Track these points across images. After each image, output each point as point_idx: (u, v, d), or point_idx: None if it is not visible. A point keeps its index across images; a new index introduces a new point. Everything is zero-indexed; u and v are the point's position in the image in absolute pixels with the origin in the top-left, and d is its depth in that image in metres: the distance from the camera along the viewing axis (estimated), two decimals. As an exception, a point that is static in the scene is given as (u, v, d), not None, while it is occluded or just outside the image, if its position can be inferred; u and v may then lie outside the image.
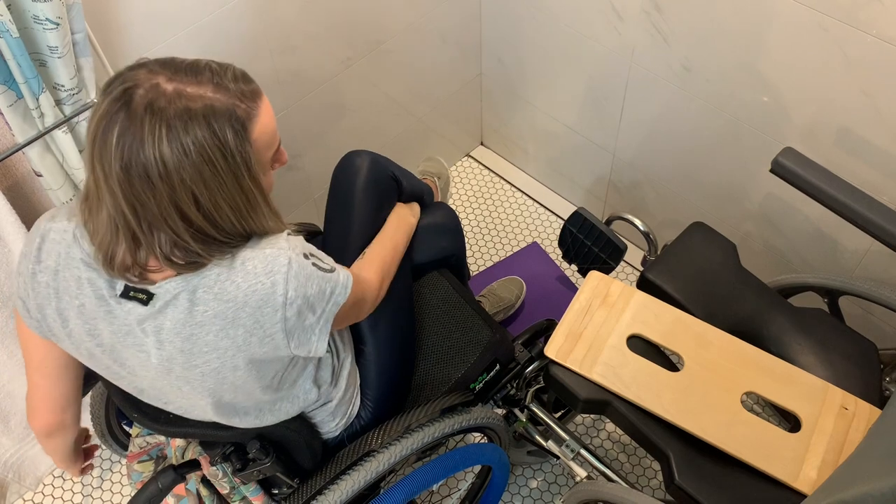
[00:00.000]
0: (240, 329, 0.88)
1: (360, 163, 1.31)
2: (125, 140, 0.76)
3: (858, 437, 1.18)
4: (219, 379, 0.93)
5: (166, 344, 0.90)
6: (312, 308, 0.91)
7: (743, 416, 1.22)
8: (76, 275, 0.89)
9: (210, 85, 0.81)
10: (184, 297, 0.87)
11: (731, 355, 1.28)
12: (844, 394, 1.24)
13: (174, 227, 0.81)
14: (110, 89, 0.79)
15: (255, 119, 0.84)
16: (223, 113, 0.80)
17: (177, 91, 0.78)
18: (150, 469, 1.20)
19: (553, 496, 1.74)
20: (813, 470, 1.16)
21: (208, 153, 0.79)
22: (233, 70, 0.86)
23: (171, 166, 0.77)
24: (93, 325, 0.91)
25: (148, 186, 0.78)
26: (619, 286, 1.35)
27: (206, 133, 0.78)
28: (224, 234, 0.85)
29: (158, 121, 0.76)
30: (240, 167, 0.82)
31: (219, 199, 0.82)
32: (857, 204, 1.23)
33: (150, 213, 0.80)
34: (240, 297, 0.87)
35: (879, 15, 1.23)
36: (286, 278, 0.87)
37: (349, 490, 1.11)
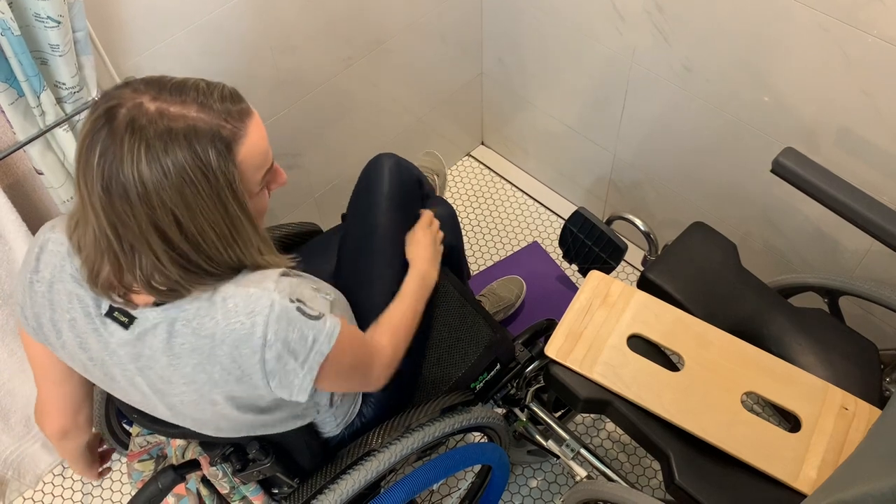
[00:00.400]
0: (216, 366, 0.87)
1: (388, 165, 1.31)
2: (106, 159, 0.75)
3: (858, 437, 1.18)
4: (198, 409, 0.93)
5: (145, 370, 0.90)
6: (294, 354, 0.88)
7: (743, 415, 1.22)
8: (68, 289, 0.89)
9: (194, 105, 0.79)
10: (162, 328, 0.86)
11: (732, 355, 1.28)
12: (844, 394, 1.24)
13: (155, 250, 0.79)
14: (95, 107, 0.78)
15: (241, 140, 0.81)
16: (206, 133, 0.78)
17: (159, 111, 0.76)
18: (150, 468, 1.20)
19: (553, 496, 1.74)
20: (813, 470, 1.16)
21: (189, 174, 0.77)
22: (220, 89, 0.82)
23: (151, 187, 0.75)
24: (83, 339, 0.91)
25: (128, 206, 0.76)
26: (619, 286, 1.35)
27: (188, 154, 0.76)
28: (210, 262, 0.83)
29: (138, 140, 0.75)
30: (223, 189, 0.80)
31: (202, 222, 0.80)
32: (857, 204, 1.23)
33: (131, 233, 0.78)
34: (217, 333, 0.85)
35: (880, 15, 1.23)
36: (266, 320, 0.85)
37: (349, 489, 1.11)
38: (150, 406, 0.98)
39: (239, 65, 1.51)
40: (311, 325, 0.88)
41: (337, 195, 2.01)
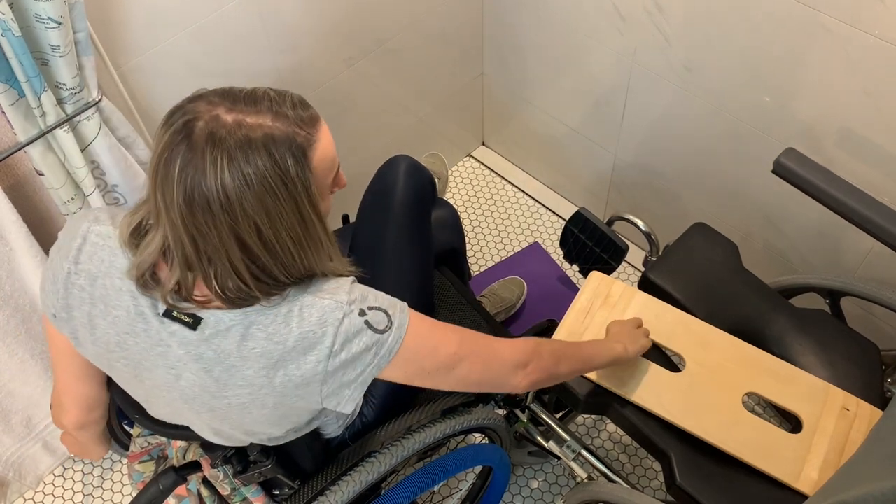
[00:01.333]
0: (280, 371, 0.88)
1: (404, 167, 1.32)
2: (187, 172, 0.76)
3: (860, 438, 1.18)
4: (242, 412, 0.93)
5: (202, 372, 0.90)
6: (354, 366, 0.90)
7: (744, 416, 1.22)
8: (117, 285, 0.89)
9: (269, 113, 0.80)
10: (236, 331, 0.87)
11: (733, 356, 1.28)
12: (846, 395, 1.24)
13: (232, 260, 0.81)
14: (171, 121, 0.79)
15: (314, 145, 0.83)
16: (283, 141, 0.79)
17: (236, 121, 0.78)
18: (151, 469, 1.20)
19: (554, 497, 1.74)
20: (814, 471, 1.16)
21: (269, 182, 0.78)
22: (291, 97, 0.84)
23: (234, 196, 0.77)
24: (123, 338, 0.90)
25: (209, 217, 0.77)
26: (620, 286, 1.35)
27: (268, 162, 0.78)
28: (283, 270, 0.84)
29: (219, 151, 0.76)
30: (300, 195, 0.81)
31: (280, 229, 0.81)
32: (858, 204, 1.22)
33: (210, 244, 0.79)
34: (290, 341, 0.87)
35: (882, 15, 1.23)
36: (336, 331, 0.87)
37: (350, 491, 1.11)
38: (169, 410, 0.98)
39: (240, 65, 1.51)
40: (375, 339, 0.90)
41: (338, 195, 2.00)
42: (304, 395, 0.91)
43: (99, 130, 1.25)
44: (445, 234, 1.45)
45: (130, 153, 1.34)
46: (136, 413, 1.07)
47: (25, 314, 1.45)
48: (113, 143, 1.29)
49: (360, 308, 0.89)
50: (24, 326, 1.47)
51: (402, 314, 0.93)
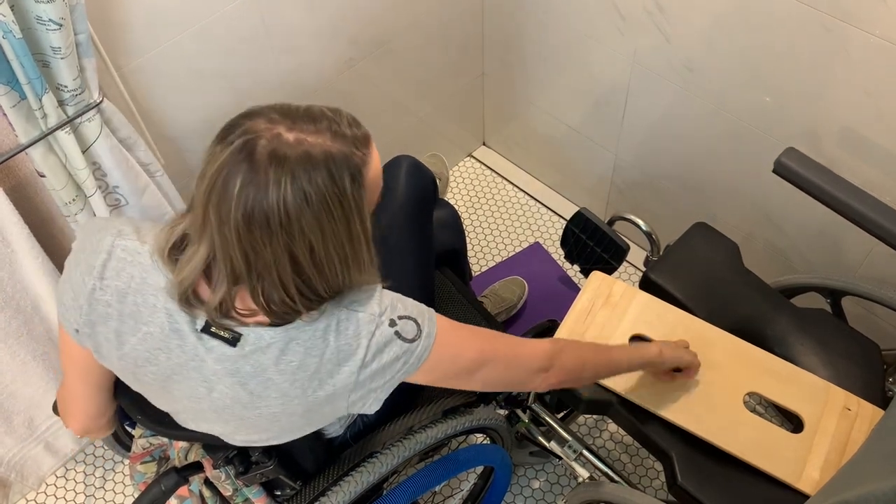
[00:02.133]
0: (314, 382, 0.90)
1: (406, 166, 1.33)
2: (248, 190, 0.76)
3: (861, 438, 1.18)
4: (272, 421, 0.94)
5: (237, 385, 0.90)
6: (383, 374, 0.92)
7: (745, 416, 1.22)
8: (151, 302, 0.88)
9: (328, 132, 0.81)
10: (276, 347, 0.88)
11: (734, 356, 1.28)
12: (847, 394, 1.24)
13: (282, 277, 0.81)
14: (230, 140, 0.79)
15: (367, 165, 0.84)
16: (342, 160, 0.80)
17: (298, 140, 0.78)
18: (152, 470, 1.20)
19: (555, 497, 1.74)
20: (815, 470, 1.16)
21: (328, 201, 0.79)
22: (346, 116, 0.85)
23: (293, 215, 0.77)
24: (154, 353, 0.90)
25: (266, 235, 0.78)
26: (621, 286, 1.35)
27: (328, 181, 0.78)
28: (327, 286, 0.85)
29: (283, 170, 0.76)
30: (353, 214, 0.82)
31: (330, 246, 0.82)
32: (859, 204, 1.22)
33: (262, 261, 0.80)
34: (327, 354, 0.88)
35: (882, 15, 1.23)
36: (369, 344, 0.89)
37: (352, 492, 1.11)
38: (192, 416, 0.98)
39: (241, 66, 1.51)
40: (405, 349, 0.92)
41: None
42: (333, 403, 0.93)
43: (100, 132, 1.25)
44: (446, 234, 1.45)
45: (132, 154, 1.34)
46: (139, 414, 1.07)
47: (27, 316, 1.46)
48: (114, 145, 1.29)
49: (390, 318, 0.91)
50: (25, 328, 1.47)
51: (431, 322, 0.95)
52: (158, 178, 1.42)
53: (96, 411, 1.09)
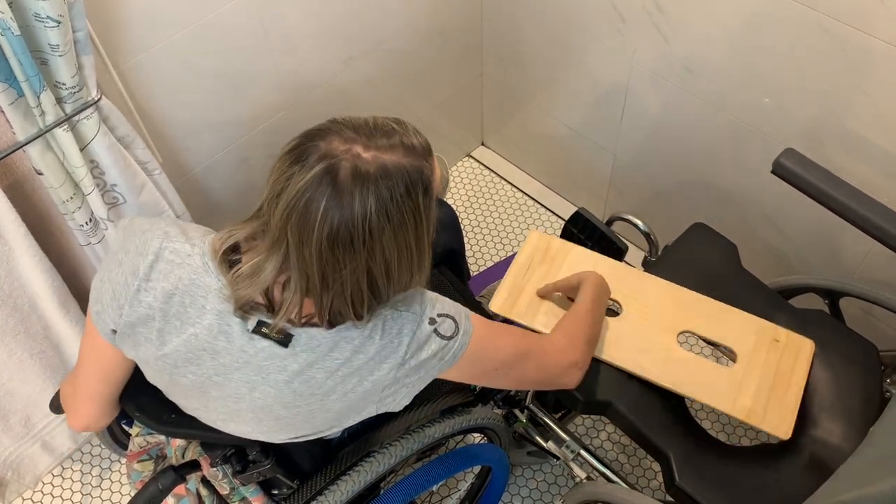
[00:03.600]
0: (355, 378, 0.91)
1: None
2: (333, 213, 0.78)
3: (789, 367, 1.23)
4: (307, 419, 0.95)
5: (282, 384, 0.91)
6: (418, 370, 0.94)
7: (679, 353, 1.25)
8: (200, 304, 0.88)
9: (401, 148, 0.83)
10: (325, 346, 0.89)
11: (667, 299, 1.31)
12: (776, 327, 1.28)
13: (354, 292, 0.83)
14: (310, 163, 0.79)
15: (433, 176, 0.86)
16: (416, 175, 0.82)
17: (375, 158, 0.80)
18: (149, 468, 1.20)
19: (553, 497, 1.74)
20: (748, 399, 1.20)
21: (405, 217, 0.81)
22: (411, 127, 0.87)
23: (376, 233, 0.80)
24: (198, 354, 0.90)
25: (349, 254, 0.80)
26: (558, 242, 1.38)
27: (405, 197, 0.81)
28: (389, 294, 0.88)
29: (366, 191, 0.78)
30: (423, 226, 0.85)
31: (403, 259, 0.84)
32: (858, 205, 1.22)
33: (340, 279, 0.82)
34: (371, 351, 0.90)
35: (881, 16, 1.23)
36: (410, 342, 0.91)
37: (349, 491, 1.11)
38: (222, 416, 0.98)
39: (239, 65, 1.51)
40: (443, 346, 0.93)
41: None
42: (366, 399, 0.94)
43: (98, 130, 1.25)
44: (444, 234, 1.45)
45: (129, 152, 1.34)
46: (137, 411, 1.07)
47: (24, 313, 1.45)
48: (112, 143, 1.29)
49: (430, 316, 0.93)
50: (22, 326, 1.47)
51: (468, 320, 0.97)
52: (156, 176, 1.42)
53: (106, 412, 1.08)
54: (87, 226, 1.36)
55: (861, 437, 1.21)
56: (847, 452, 1.20)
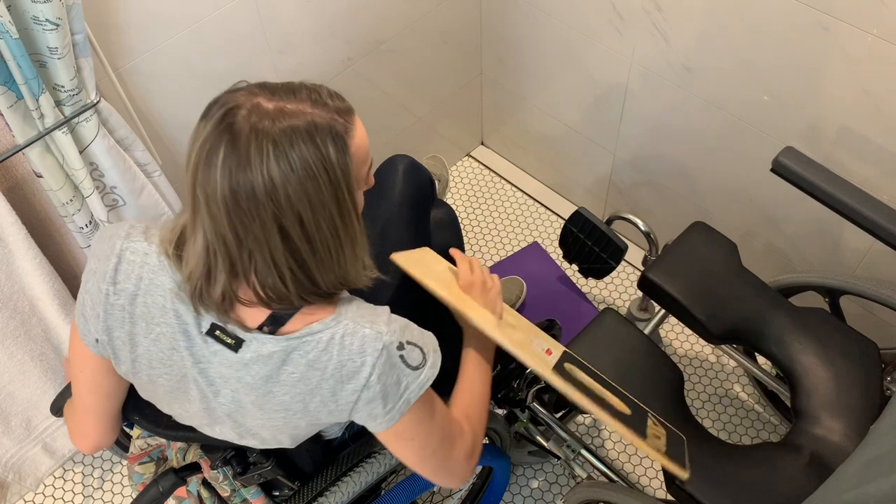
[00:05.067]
0: (317, 397, 0.89)
1: (403, 166, 1.32)
2: (231, 161, 0.76)
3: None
4: (275, 432, 0.94)
5: (240, 393, 0.90)
6: (385, 400, 0.90)
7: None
8: (160, 303, 0.88)
9: (308, 101, 0.80)
10: (277, 357, 0.87)
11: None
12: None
13: (273, 252, 0.80)
14: (210, 114, 0.79)
15: (351, 133, 0.83)
16: (324, 127, 0.79)
17: (278, 108, 0.78)
18: (150, 471, 1.20)
19: (554, 496, 1.74)
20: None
21: (313, 168, 0.78)
22: (326, 88, 0.85)
23: (279, 182, 0.76)
24: (167, 354, 0.90)
25: (254, 205, 0.77)
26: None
27: (311, 147, 0.78)
28: (320, 267, 0.84)
29: (264, 138, 0.76)
30: (340, 182, 0.81)
31: (320, 218, 0.81)
32: (858, 203, 1.22)
33: (252, 236, 0.79)
34: (329, 368, 0.87)
35: (880, 14, 1.23)
36: (374, 363, 0.87)
37: (350, 492, 1.11)
38: (203, 420, 0.98)
39: (238, 66, 1.51)
40: (408, 374, 0.90)
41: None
42: (335, 419, 0.92)
43: (97, 132, 1.25)
44: (443, 234, 1.45)
45: (129, 154, 1.34)
46: (136, 415, 1.07)
47: (24, 316, 1.45)
48: (111, 145, 1.29)
49: (399, 341, 0.89)
50: (23, 328, 1.47)
51: (436, 355, 0.94)
52: (156, 178, 1.42)
53: (109, 424, 1.06)
54: (87, 228, 1.36)
55: (862, 435, 1.22)
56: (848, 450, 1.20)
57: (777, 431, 1.80)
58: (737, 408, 1.84)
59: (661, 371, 1.33)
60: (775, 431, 1.80)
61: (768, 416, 1.82)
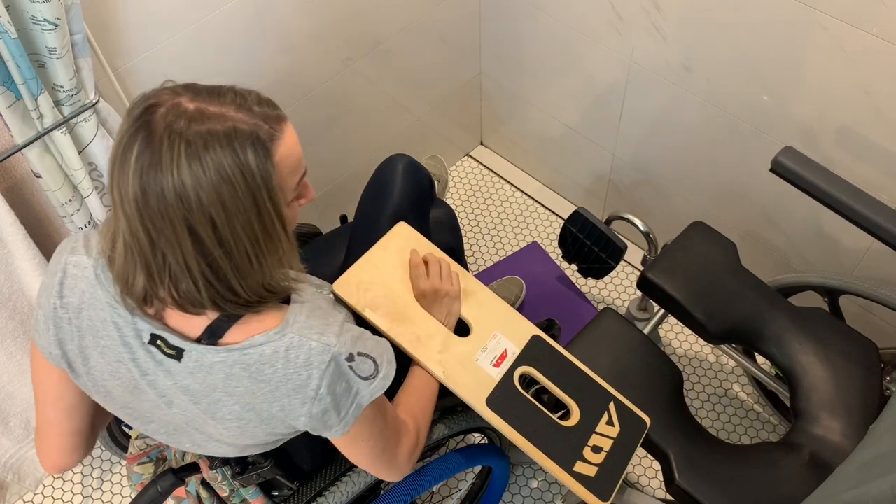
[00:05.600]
0: (266, 409, 0.88)
1: (402, 166, 1.32)
2: (144, 158, 0.74)
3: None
4: (236, 440, 0.94)
5: (191, 403, 0.89)
6: (338, 409, 0.89)
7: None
8: (101, 316, 0.88)
9: (232, 105, 0.78)
10: (219, 369, 0.86)
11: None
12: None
13: (185, 255, 0.77)
14: (131, 110, 0.77)
15: (278, 141, 0.80)
16: (244, 133, 0.77)
17: (198, 110, 0.76)
18: (149, 471, 1.20)
19: (553, 496, 1.74)
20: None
21: (227, 172, 0.75)
22: (257, 94, 0.82)
23: (189, 185, 0.74)
24: (115, 367, 0.90)
25: (164, 206, 0.74)
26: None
27: (227, 152, 0.75)
28: (238, 275, 0.81)
29: (178, 138, 0.73)
30: (260, 190, 0.78)
31: (236, 224, 0.77)
32: (856, 203, 1.23)
33: (164, 237, 0.76)
34: (274, 380, 0.86)
35: (880, 14, 1.23)
36: (322, 375, 0.86)
37: (349, 492, 1.11)
38: (169, 430, 0.98)
39: (237, 66, 1.51)
40: (358, 382, 0.89)
41: (336, 196, 2.01)
42: (290, 428, 0.92)
43: (96, 132, 1.25)
44: (443, 233, 1.45)
45: (128, 155, 1.34)
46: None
47: (23, 316, 1.45)
48: (110, 145, 1.29)
49: (348, 352, 0.88)
50: (22, 328, 1.47)
51: (390, 366, 0.92)
52: (155, 178, 1.42)
53: (70, 442, 1.02)
54: (87, 228, 1.36)
55: (861, 434, 1.22)
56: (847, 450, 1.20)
57: (776, 431, 1.80)
58: (736, 408, 1.84)
59: (661, 371, 1.33)
60: (774, 431, 1.80)
61: (767, 416, 1.82)
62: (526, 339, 1.20)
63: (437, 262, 1.21)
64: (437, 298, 1.17)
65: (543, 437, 1.11)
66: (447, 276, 1.20)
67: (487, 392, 1.12)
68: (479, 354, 1.17)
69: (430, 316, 1.17)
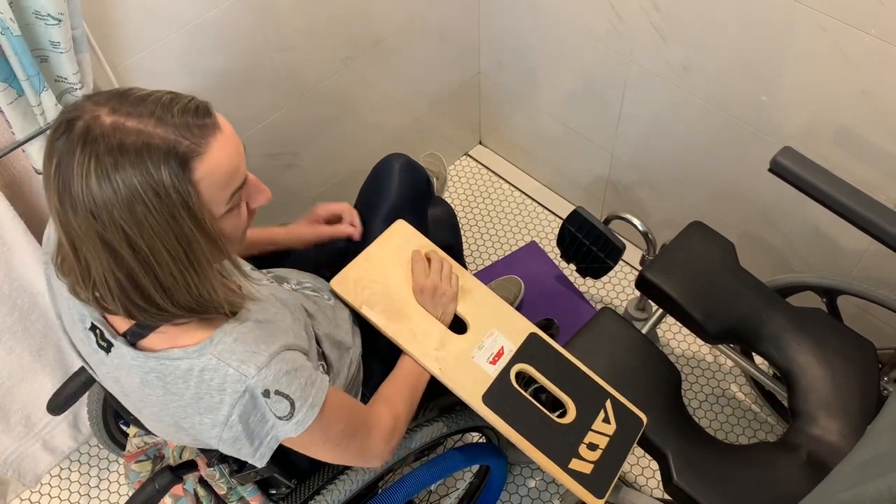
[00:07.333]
0: (181, 420, 0.88)
1: (399, 164, 1.33)
2: (60, 171, 0.74)
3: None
4: (175, 434, 0.94)
5: (122, 395, 0.94)
6: (251, 438, 0.87)
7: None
8: (68, 303, 0.93)
9: (151, 119, 0.75)
10: (136, 373, 0.86)
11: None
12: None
13: (103, 266, 0.77)
14: (57, 120, 0.77)
15: (199, 157, 0.77)
16: (159, 149, 0.74)
17: (114, 124, 0.74)
18: (147, 469, 1.20)
19: (551, 496, 1.75)
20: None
21: (139, 191, 0.73)
22: (185, 103, 0.78)
23: (100, 202, 0.73)
24: (89, 354, 0.95)
25: (79, 221, 0.75)
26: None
27: (138, 170, 0.73)
28: (162, 292, 0.80)
29: (88, 154, 0.72)
30: (177, 208, 0.76)
31: (154, 241, 0.76)
32: (855, 203, 1.23)
33: (85, 246, 0.76)
34: (186, 396, 0.85)
35: (879, 14, 1.23)
36: (234, 403, 0.84)
37: (347, 490, 1.11)
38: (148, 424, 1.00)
39: (236, 64, 1.51)
40: (273, 418, 0.87)
41: (334, 194, 2.01)
42: (206, 444, 0.91)
43: (96, 129, 1.25)
44: (442, 232, 1.45)
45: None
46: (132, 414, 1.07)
47: (23, 312, 1.45)
48: (110, 142, 1.29)
49: (265, 388, 0.85)
50: (21, 324, 1.47)
51: (311, 410, 0.89)
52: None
53: None
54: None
55: (858, 434, 1.22)
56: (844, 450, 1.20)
57: (774, 431, 1.80)
58: (734, 407, 1.84)
59: (659, 371, 1.34)
60: (772, 431, 1.80)
61: (765, 416, 1.82)
62: (523, 336, 1.20)
63: (440, 260, 1.22)
64: (435, 296, 1.18)
65: (539, 433, 1.11)
66: (447, 276, 1.21)
67: (483, 389, 1.13)
68: (476, 352, 1.17)
69: (427, 313, 1.18)
